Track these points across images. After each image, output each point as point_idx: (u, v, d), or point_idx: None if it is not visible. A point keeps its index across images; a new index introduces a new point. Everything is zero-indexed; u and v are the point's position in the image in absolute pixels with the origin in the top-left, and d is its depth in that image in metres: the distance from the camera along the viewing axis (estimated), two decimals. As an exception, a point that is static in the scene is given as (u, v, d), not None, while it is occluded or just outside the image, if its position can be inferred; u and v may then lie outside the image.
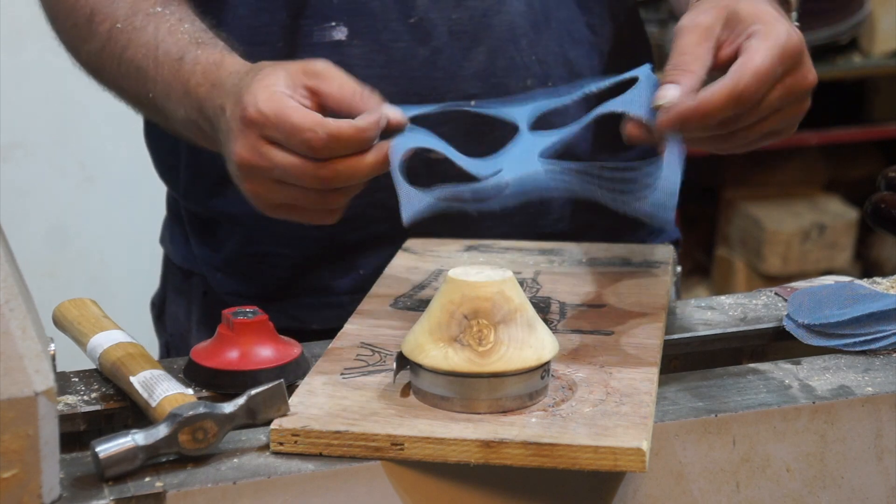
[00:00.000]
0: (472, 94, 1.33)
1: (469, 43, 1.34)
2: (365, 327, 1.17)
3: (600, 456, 0.94)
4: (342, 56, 1.32)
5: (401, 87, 1.31)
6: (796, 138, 3.68)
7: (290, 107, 1.08)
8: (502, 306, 1.00)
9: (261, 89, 1.09)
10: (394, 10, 1.32)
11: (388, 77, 1.32)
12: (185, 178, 1.44)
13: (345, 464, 0.96)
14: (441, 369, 0.99)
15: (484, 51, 1.34)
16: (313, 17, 1.33)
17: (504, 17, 1.34)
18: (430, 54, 1.33)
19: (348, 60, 1.32)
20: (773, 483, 1.05)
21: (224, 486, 0.94)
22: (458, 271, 1.02)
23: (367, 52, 1.33)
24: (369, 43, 1.33)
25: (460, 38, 1.33)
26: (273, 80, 1.10)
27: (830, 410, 1.06)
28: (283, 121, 1.08)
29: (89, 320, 1.16)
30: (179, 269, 1.50)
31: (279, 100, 1.08)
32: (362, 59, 1.33)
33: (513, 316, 1.00)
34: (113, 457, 0.93)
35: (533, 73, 1.36)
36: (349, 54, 1.32)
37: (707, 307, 1.29)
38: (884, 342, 1.17)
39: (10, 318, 0.91)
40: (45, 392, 0.88)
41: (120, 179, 3.05)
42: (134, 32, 1.24)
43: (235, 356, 1.09)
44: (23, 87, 2.95)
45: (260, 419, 0.98)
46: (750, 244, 3.75)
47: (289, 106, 1.08)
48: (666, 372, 1.12)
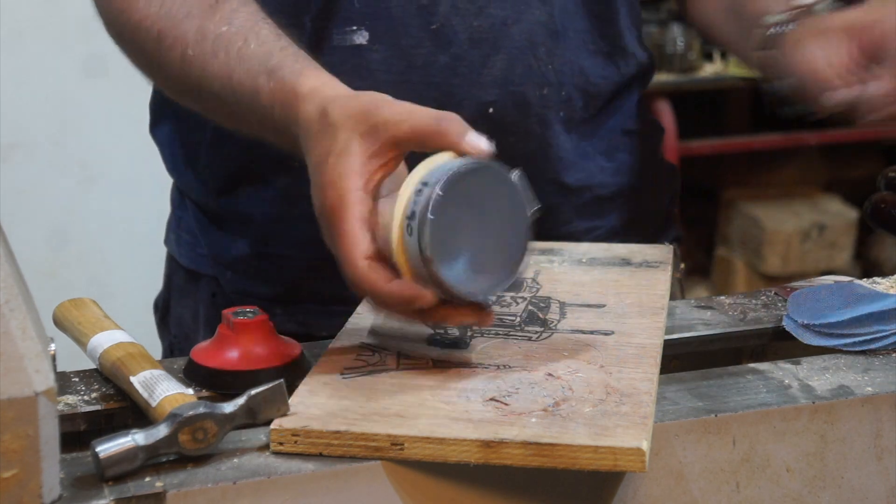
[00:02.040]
0: (489, 102, 1.34)
1: (489, 50, 1.34)
2: (365, 327, 1.17)
3: (600, 456, 0.94)
4: (362, 60, 1.32)
5: (419, 92, 1.32)
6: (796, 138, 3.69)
7: (358, 249, 1.05)
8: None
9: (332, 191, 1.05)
10: (416, 16, 1.33)
11: (408, 82, 1.33)
12: (204, 174, 1.43)
13: (345, 464, 0.96)
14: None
15: (503, 58, 1.35)
16: (335, 21, 1.33)
17: (523, 25, 1.35)
18: (449, 60, 1.34)
19: (368, 65, 1.32)
20: (773, 483, 1.05)
21: (224, 486, 0.94)
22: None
23: (388, 58, 1.33)
24: (390, 48, 1.33)
25: (480, 45, 1.34)
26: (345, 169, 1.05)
27: (830, 410, 1.06)
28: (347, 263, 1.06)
29: (89, 320, 1.16)
30: (186, 271, 1.50)
31: (348, 231, 1.04)
32: (382, 64, 1.33)
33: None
34: (113, 457, 0.93)
35: (549, 82, 1.37)
36: (370, 59, 1.33)
37: (707, 307, 1.29)
38: (884, 342, 1.17)
39: (10, 318, 0.91)
40: (46, 392, 0.89)
41: (120, 179, 3.05)
42: (206, 61, 1.21)
43: (235, 356, 1.09)
44: (23, 87, 2.95)
45: (260, 419, 0.98)
46: (750, 244, 3.76)
47: (358, 247, 1.05)
48: (666, 372, 1.12)
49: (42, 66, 2.95)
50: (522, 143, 1.35)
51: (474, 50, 1.34)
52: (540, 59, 1.36)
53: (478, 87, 1.34)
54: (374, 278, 1.03)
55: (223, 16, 1.22)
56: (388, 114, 1.06)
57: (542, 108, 1.37)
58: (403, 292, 1.03)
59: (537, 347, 1.12)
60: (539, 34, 1.36)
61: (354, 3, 1.32)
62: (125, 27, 1.28)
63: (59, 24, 2.94)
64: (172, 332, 1.53)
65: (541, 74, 1.36)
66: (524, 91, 1.36)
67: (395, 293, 1.03)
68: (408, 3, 1.32)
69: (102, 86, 2.93)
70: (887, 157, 3.86)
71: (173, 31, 1.23)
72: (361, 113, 1.07)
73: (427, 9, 1.33)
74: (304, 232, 1.32)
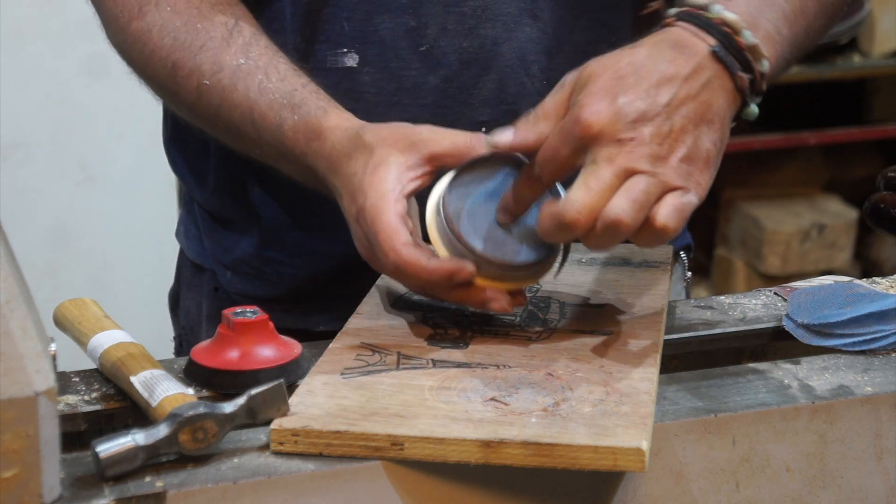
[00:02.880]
0: (482, 122, 1.34)
1: (479, 70, 1.34)
2: (365, 327, 1.17)
3: (600, 456, 0.94)
4: (353, 83, 1.33)
5: (411, 113, 1.32)
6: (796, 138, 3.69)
7: (399, 237, 1.11)
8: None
9: (372, 192, 1.13)
10: (405, 38, 1.33)
11: (399, 104, 1.33)
12: (214, 181, 1.44)
13: (345, 464, 0.97)
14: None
15: (494, 78, 1.35)
16: (326, 43, 1.34)
17: (514, 43, 1.34)
18: (440, 82, 1.34)
19: (359, 87, 1.33)
20: (772, 483, 1.05)
21: (224, 485, 0.94)
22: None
23: (378, 80, 1.33)
24: (380, 70, 1.33)
25: (470, 65, 1.34)
26: (383, 175, 1.13)
27: (830, 410, 1.06)
28: (390, 252, 1.11)
29: (90, 320, 1.16)
30: (192, 264, 1.51)
31: (389, 222, 1.11)
32: (373, 87, 1.33)
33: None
34: (113, 457, 0.93)
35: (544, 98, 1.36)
36: (360, 81, 1.33)
37: (707, 307, 1.29)
38: (883, 342, 1.17)
39: (10, 318, 0.91)
40: (46, 392, 0.89)
41: (120, 179, 3.05)
42: (224, 92, 1.24)
43: (235, 356, 1.09)
44: (23, 87, 2.95)
45: (260, 419, 0.98)
46: (750, 244, 3.76)
47: (399, 236, 1.11)
48: (666, 372, 1.12)
49: (42, 66, 2.95)
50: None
51: (465, 70, 1.34)
52: (533, 77, 1.36)
53: (469, 108, 1.35)
54: (416, 258, 1.10)
55: (238, 48, 1.26)
56: (426, 133, 1.15)
57: None
58: (444, 266, 1.11)
59: (537, 347, 1.12)
60: (532, 51, 1.35)
61: (344, 26, 1.33)
62: (138, 56, 1.31)
63: (59, 24, 2.94)
64: (181, 324, 1.55)
65: (535, 92, 1.35)
66: (517, 109, 1.34)
67: (437, 268, 1.11)
68: (397, 25, 1.32)
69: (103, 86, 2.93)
70: (887, 157, 3.86)
71: (189, 62, 1.26)
72: (397, 133, 1.16)
73: (416, 31, 1.33)
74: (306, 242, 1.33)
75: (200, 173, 1.46)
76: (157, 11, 1.28)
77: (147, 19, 1.28)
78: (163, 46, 1.27)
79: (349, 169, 1.16)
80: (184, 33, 1.27)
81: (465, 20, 1.33)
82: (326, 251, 1.38)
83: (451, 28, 1.33)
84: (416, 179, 1.14)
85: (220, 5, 1.29)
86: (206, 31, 1.26)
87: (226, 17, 1.27)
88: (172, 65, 1.27)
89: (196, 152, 1.46)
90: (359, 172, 1.15)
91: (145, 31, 1.28)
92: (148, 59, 1.29)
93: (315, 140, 1.20)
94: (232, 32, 1.26)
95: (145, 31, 1.28)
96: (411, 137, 1.15)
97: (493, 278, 1.13)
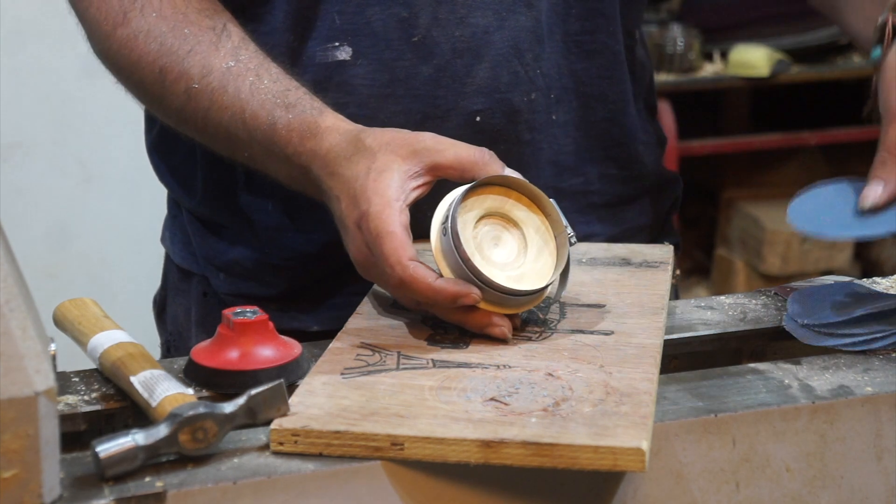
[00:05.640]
0: (476, 111, 1.34)
1: (472, 59, 1.34)
2: (365, 327, 1.17)
3: (600, 456, 0.94)
4: (346, 76, 1.33)
5: (404, 105, 1.32)
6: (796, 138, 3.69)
7: (406, 252, 1.12)
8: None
9: (376, 198, 1.13)
10: (397, 29, 1.33)
11: (392, 95, 1.33)
12: (202, 188, 1.44)
13: (345, 464, 0.97)
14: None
15: (487, 67, 1.34)
16: (318, 39, 1.33)
17: (507, 32, 1.34)
18: (433, 72, 1.34)
19: (352, 80, 1.33)
20: (772, 483, 1.06)
21: (224, 485, 0.94)
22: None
23: (371, 72, 1.33)
24: (373, 62, 1.33)
25: (463, 55, 1.34)
26: (387, 182, 1.14)
27: (830, 410, 1.06)
28: (393, 264, 1.12)
29: (89, 320, 1.16)
30: (179, 269, 1.51)
31: (396, 234, 1.12)
32: (366, 79, 1.33)
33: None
34: (113, 457, 0.93)
35: (537, 87, 1.36)
36: (353, 74, 1.33)
37: (707, 307, 1.29)
38: (883, 342, 1.17)
39: (10, 318, 0.91)
40: (46, 392, 0.89)
41: (120, 179, 3.05)
42: (213, 94, 1.24)
43: (235, 356, 1.09)
44: (23, 87, 2.95)
45: (260, 419, 0.98)
46: (750, 244, 3.75)
47: (406, 250, 1.12)
48: (666, 372, 1.12)
49: (42, 66, 2.95)
50: (514, 149, 1.35)
51: (457, 60, 1.34)
52: (527, 65, 1.36)
53: (463, 97, 1.34)
54: (423, 276, 1.11)
55: (227, 52, 1.26)
56: (430, 142, 1.16)
57: (531, 113, 1.36)
58: (451, 289, 1.12)
59: (537, 347, 1.12)
60: (525, 40, 1.35)
61: (335, 19, 1.32)
62: (124, 63, 1.30)
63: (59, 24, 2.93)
64: (168, 329, 1.54)
65: (528, 80, 1.35)
66: (511, 98, 1.35)
67: (443, 290, 1.12)
68: (388, 16, 1.32)
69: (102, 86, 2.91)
70: (887, 157, 3.85)
71: (177, 67, 1.26)
72: (399, 139, 1.16)
73: (408, 21, 1.33)
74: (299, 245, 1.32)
75: (187, 181, 1.45)
76: (143, 17, 1.27)
77: (132, 25, 1.27)
78: (150, 52, 1.27)
79: (349, 172, 1.16)
80: (171, 38, 1.26)
81: (456, 9, 1.33)
82: (321, 252, 1.37)
83: (442, 18, 1.33)
84: (417, 189, 1.15)
85: (207, 10, 1.28)
86: (194, 36, 1.26)
87: (213, 22, 1.27)
88: (160, 70, 1.26)
89: (183, 160, 1.45)
90: (360, 177, 1.15)
91: (131, 38, 1.27)
92: (134, 65, 1.28)
93: (311, 139, 1.20)
94: (220, 36, 1.26)
95: (131, 37, 1.27)
96: (414, 145, 1.15)
97: (495, 303, 1.13)
